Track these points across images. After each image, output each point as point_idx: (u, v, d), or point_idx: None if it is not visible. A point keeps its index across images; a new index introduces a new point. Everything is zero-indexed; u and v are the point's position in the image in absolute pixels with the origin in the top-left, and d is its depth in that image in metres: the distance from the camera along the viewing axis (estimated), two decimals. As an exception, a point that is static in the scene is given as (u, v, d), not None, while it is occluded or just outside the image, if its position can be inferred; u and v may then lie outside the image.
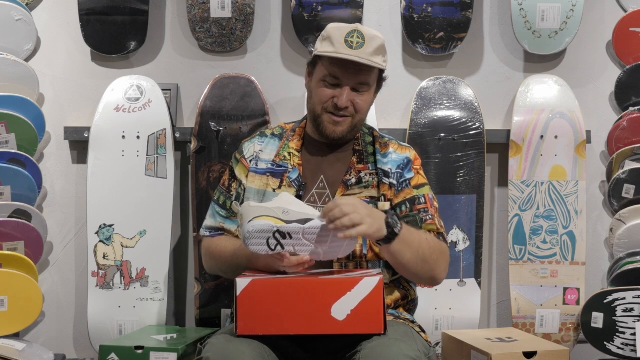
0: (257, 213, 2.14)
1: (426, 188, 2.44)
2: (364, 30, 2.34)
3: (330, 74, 2.35)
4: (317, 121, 2.41)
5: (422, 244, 2.29)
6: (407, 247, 2.25)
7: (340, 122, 2.37)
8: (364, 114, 2.41)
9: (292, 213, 2.14)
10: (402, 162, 2.44)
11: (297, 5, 3.12)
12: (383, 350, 2.02)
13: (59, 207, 3.24)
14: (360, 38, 2.32)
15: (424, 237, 2.32)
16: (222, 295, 3.06)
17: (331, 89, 2.36)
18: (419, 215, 2.39)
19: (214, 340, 2.13)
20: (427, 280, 2.39)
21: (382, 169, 2.42)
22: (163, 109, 3.10)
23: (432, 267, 2.32)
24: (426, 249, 2.30)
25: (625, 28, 3.21)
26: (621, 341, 3.00)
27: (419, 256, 2.27)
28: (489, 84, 3.27)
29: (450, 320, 3.09)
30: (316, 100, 2.39)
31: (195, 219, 3.07)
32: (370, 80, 2.37)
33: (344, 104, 2.34)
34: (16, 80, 3.10)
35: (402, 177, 2.42)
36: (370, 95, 2.40)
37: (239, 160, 2.51)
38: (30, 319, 2.98)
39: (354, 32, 2.33)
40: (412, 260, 2.27)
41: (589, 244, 3.20)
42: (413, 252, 2.26)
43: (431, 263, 2.32)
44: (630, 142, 3.16)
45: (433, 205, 2.43)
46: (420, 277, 2.37)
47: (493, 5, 3.26)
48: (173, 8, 3.26)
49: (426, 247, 2.30)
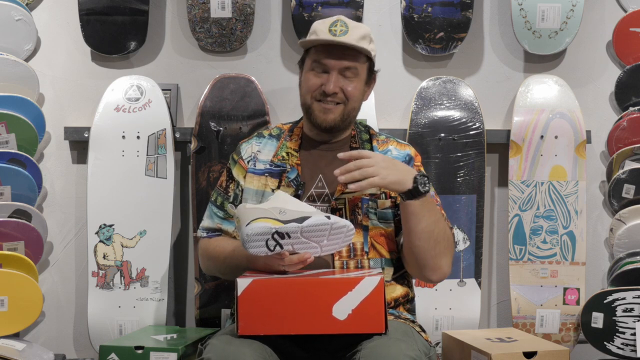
0: (254, 215, 2.14)
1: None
2: (347, 20, 2.39)
3: (315, 60, 2.38)
4: (308, 112, 2.42)
5: (439, 223, 2.29)
6: (426, 215, 2.24)
7: (330, 109, 2.38)
8: (356, 102, 2.42)
9: (289, 212, 2.15)
10: (404, 159, 2.44)
11: (297, 5, 3.12)
12: (383, 349, 2.02)
13: (59, 207, 3.24)
14: (344, 26, 2.37)
15: (442, 219, 2.32)
16: (222, 295, 3.06)
17: (319, 77, 2.38)
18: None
19: (215, 340, 2.13)
20: (431, 268, 2.32)
21: None
22: (163, 109, 3.10)
23: (441, 252, 2.30)
24: (441, 230, 2.29)
25: (625, 28, 3.21)
26: (621, 341, 3.00)
27: (432, 233, 2.26)
28: (489, 84, 3.27)
29: (450, 320, 3.09)
30: (305, 90, 2.41)
31: (195, 219, 3.07)
32: (358, 66, 2.39)
33: (332, 89, 2.35)
34: (16, 80, 3.10)
35: None
36: (360, 83, 2.40)
37: (236, 161, 2.52)
38: (30, 319, 2.97)
39: (337, 21, 2.38)
40: (426, 232, 2.25)
41: (589, 244, 3.20)
42: (429, 224, 2.25)
43: (441, 248, 2.30)
44: (630, 142, 3.16)
45: (438, 201, 2.43)
46: (425, 260, 2.30)
47: (493, 5, 3.27)
48: (173, 8, 3.26)
49: (442, 229, 2.30)
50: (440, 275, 2.36)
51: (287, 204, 2.18)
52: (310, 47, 2.42)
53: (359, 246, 2.35)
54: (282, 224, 2.12)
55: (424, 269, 2.34)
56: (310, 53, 2.41)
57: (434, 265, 2.32)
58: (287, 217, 2.14)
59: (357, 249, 2.35)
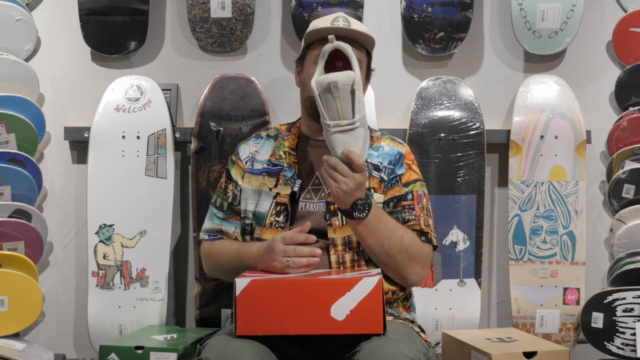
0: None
1: (417, 184, 2.45)
2: (347, 16, 2.42)
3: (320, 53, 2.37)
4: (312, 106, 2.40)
5: (393, 239, 2.29)
6: (370, 234, 2.26)
7: None
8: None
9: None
10: (394, 158, 2.45)
11: (297, 5, 3.12)
12: (382, 350, 2.02)
13: (59, 207, 3.24)
14: (346, 21, 2.41)
15: (399, 234, 2.31)
16: (222, 295, 3.06)
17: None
18: (402, 213, 2.39)
19: (214, 340, 2.13)
20: (396, 277, 2.37)
21: (372, 162, 2.43)
22: (163, 109, 3.10)
23: (400, 265, 2.32)
24: (395, 245, 2.29)
25: (625, 28, 3.21)
26: (621, 341, 3.00)
27: (382, 249, 2.28)
28: (489, 84, 3.27)
29: (450, 320, 3.09)
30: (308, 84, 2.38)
31: (195, 219, 3.07)
32: (361, 58, 2.41)
33: None
34: (16, 80, 3.10)
35: (393, 172, 2.43)
36: (362, 74, 2.39)
37: (234, 162, 2.55)
38: (30, 319, 2.98)
39: (339, 16, 2.43)
40: (374, 248, 2.29)
41: (589, 244, 3.20)
42: (376, 241, 2.27)
43: (399, 261, 2.31)
44: (630, 142, 3.15)
45: (420, 202, 2.42)
46: (387, 271, 2.34)
47: (493, 5, 3.26)
48: (173, 8, 3.26)
49: (396, 244, 2.29)
50: (410, 284, 2.41)
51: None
52: (313, 42, 2.42)
53: (354, 239, 2.35)
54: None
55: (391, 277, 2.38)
56: (313, 47, 2.42)
57: (396, 275, 2.36)
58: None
59: (353, 242, 2.35)
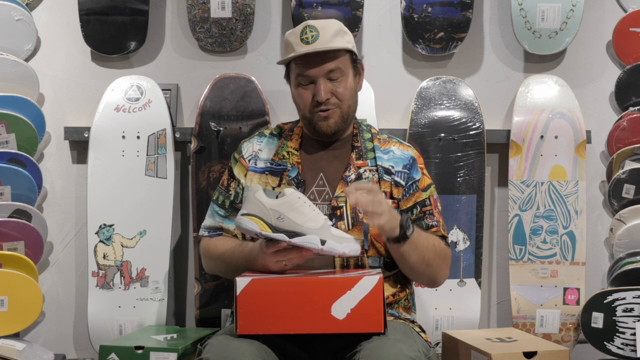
0: (251, 209, 2.15)
1: (432, 189, 2.50)
2: (316, 23, 2.40)
3: (299, 74, 2.41)
4: (310, 124, 2.45)
5: (429, 248, 2.35)
6: (415, 250, 2.30)
7: (328, 114, 2.40)
8: (350, 100, 2.44)
9: (287, 221, 2.14)
10: (408, 162, 2.46)
11: (297, 5, 3.12)
12: (382, 350, 2.02)
13: (59, 207, 3.24)
14: (314, 31, 2.38)
15: (431, 242, 2.37)
16: (222, 295, 3.05)
17: (308, 89, 2.40)
18: (425, 219, 2.43)
19: (214, 340, 2.13)
20: (427, 282, 2.46)
21: (382, 165, 2.44)
22: (163, 109, 3.10)
23: (435, 271, 2.39)
24: (432, 253, 2.35)
25: (625, 28, 3.21)
26: (621, 341, 3.00)
27: (424, 260, 2.33)
28: (489, 84, 3.27)
29: (450, 320, 3.09)
30: (301, 105, 2.45)
31: (195, 219, 3.07)
32: (341, 65, 2.40)
33: (324, 97, 2.38)
34: (16, 80, 3.10)
35: (410, 178, 2.44)
36: (348, 80, 2.42)
37: (237, 159, 2.54)
38: (30, 319, 2.98)
39: (306, 28, 2.39)
40: (417, 262, 2.33)
41: (589, 244, 3.20)
42: (419, 255, 2.32)
43: (434, 267, 2.38)
44: (630, 142, 3.16)
45: (437, 207, 2.47)
46: (421, 279, 2.43)
47: (493, 5, 3.26)
48: (173, 8, 3.26)
49: (432, 251, 2.35)
50: (438, 285, 2.48)
51: (292, 210, 2.17)
52: (289, 62, 2.44)
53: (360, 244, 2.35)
54: (271, 230, 2.13)
55: (419, 282, 2.50)
56: (292, 68, 2.45)
57: (429, 281, 2.45)
58: (281, 225, 2.14)
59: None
